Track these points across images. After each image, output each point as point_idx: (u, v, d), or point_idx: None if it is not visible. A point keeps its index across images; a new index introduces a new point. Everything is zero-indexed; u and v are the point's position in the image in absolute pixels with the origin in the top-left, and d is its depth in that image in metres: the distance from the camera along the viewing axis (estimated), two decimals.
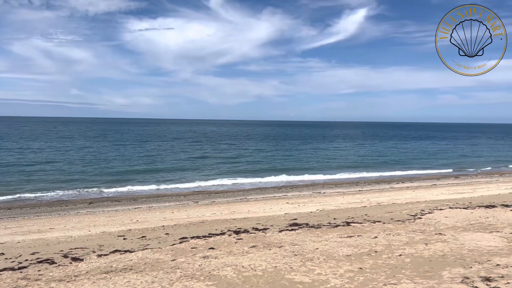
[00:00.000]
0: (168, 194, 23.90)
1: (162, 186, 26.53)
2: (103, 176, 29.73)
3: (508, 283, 6.39)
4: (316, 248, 8.90)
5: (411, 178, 30.56)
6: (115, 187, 25.73)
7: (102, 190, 24.93)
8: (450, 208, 14.05)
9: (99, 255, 9.04)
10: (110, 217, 16.43)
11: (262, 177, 30.99)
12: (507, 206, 14.08)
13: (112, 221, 15.25)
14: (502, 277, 6.68)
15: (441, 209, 13.76)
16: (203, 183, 27.87)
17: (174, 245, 9.74)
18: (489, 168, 38.41)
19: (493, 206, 14.06)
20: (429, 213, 13.13)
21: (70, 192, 24.13)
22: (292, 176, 31.43)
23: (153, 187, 26.24)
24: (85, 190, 24.78)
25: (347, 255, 8.27)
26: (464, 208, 13.87)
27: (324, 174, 32.78)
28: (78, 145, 57.29)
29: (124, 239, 11.11)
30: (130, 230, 12.70)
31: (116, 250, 9.50)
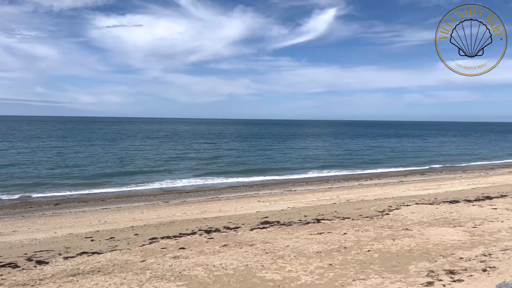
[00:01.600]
0: (138, 194, 23.48)
1: (132, 186, 26.03)
2: (70, 177, 28.90)
3: (470, 275, 6.63)
4: (287, 246, 8.97)
5: (379, 175, 31.24)
6: (83, 188, 25.06)
7: (69, 190, 24.23)
8: (416, 204, 14.45)
9: (66, 258, 8.79)
10: (77, 219, 16.00)
11: (234, 175, 30.93)
12: (469, 201, 14.62)
13: (79, 223, 14.86)
14: (465, 269, 6.93)
15: (407, 205, 14.14)
16: (174, 183, 27.54)
17: (144, 246, 9.59)
18: (453, 164, 39.77)
19: (457, 202, 14.56)
20: (396, 209, 13.46)
21: (35, 193, 23.32)
22: (264, 175, 31.53)
23: (122, 187, 25.71)
24: (51, 191, 24.02)
25: (318, 252, 8.37)
26: (429, 204, 14.31)
27: (295, 172, 33.05)
28: (44, 145, 55.47)
29: (91, 240, 10.84)
30: (98, 231, 12.40)
31: (84, 252, 9.27)
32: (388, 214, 12.61)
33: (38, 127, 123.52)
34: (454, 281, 6.40)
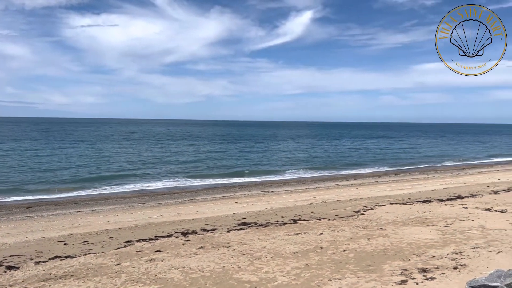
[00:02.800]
0: (113, 196, 23.08)
1: (107, 189, 25.59)
2: (43, 180, 28.17)
3: (442, 273, 6.79)
4: (264, 247, 8.99)
5: (355, 176, 31.67)
6: (56, 190, 24.47)
7: (42, 194, 23.62)
8: (390, 204, 14.72)
9: (37, 262, 8.57)
10: (49, 222, 15.61)
11: (212, 177, 30.82)
12: (441, 200, 14.99)
13: (51, 226, 14.49)
14: (437, 267, 7.09)
15: (382, 205, 14.39)
16: (150, 185, 27.22)
17: (119, 249, 9.44)
18: (427, 165, 40.69)
19: (430, 201, 14.91)
20: (372, 209, 13.68)
21: (6, 197, 22.62)
22: (241, 176, 31.54)
23: (97, 189, 25.24)
24: (23, 194, 23.35)
25: (294, 252, 8.42)
26: (403, 204, 14.60)
27: (272, 174, 33.18)
28: (16, 146, 53.89)
29: (64, 244, 10.60)
30: (71, 234, 12.14)
31: (56, 256, 9.05)
32: (363, 214, 12.79)
33: (9, 128, 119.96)
34: (427, 279, 6.55)
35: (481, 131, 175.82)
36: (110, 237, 11.15)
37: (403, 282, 6.46)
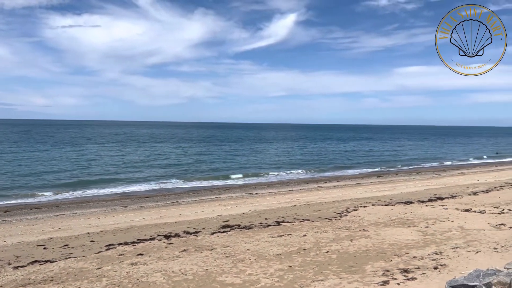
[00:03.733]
0: (94, 199, 22.75)
1: (88, 191, 25.21)
2: (22, 183, 27.59)
3: (423, 273, 6.89)
4: (248, 249, 8.98)
5: (338, 178, 31.92)
6: (35, 193, 23.99)
7: (21, 196, 23.12)
8: (373, 205, 14.88)
9: (16, 267, 8.39)
10: (28, 226, 15.29)
11: (195, 179, 30.65)
12: (422, 202, 15.23)
13: (31, 230, 14.20)
14: (418, 268, 7.20)
15: (364, 207, 14.53)
16: (132, 187, 26.92)
17: (100, 253, 9.31)
18: (408, 166, 41.29)
19: (411, 203, 15.12)
20: (354, 210, 13.80)
21: None
22: (225, 178, 31.46)
23: (78, 192, 24.84)
24: (1, 198, 22.82)
25: (278, 254, 8.43)
26: (385, 205, 14.77)
27: (256, 176, 33.20)
28: None
29: (44, 248, 10.41)
30: (51, 238, 11.91)
31: (35, 261, 8.88)
32: (346, 215, 12.90)
33: None
34: (408, 279, 6.63)
35: (461, 133, 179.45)
36: (91, 241, 10.98)
37: (385, 282, 6.54)
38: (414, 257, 7.89)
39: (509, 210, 12.60)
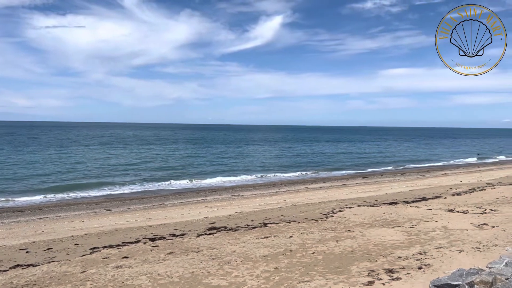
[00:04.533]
0: (78, 202, 22.45)
1: (72, 194, 24.87)
2: (3, 185, 27.07)
3: (408, 273, 6.97)
4: (234, 251, 8.96)
5: (324, 179, 32.10)
6: (18, 196, 23.57)
7: (2, 200, 22.68)
8: (358, 206, 14.99)
9: None
10: (10, 229, 15.01)
11: (181, 181, 30.48)
12: (407, 202, 15.40)
13: (13, 234, 13.94)
14: (403, 268, 7.27)
15: (350, 207, 14.63)
16: (117, 190, 26.64)
17: (84, 256, 9.19)
18: (393, 168, 41.74)
19: (396, 203, 15.28)
20: (340, 211, 13.88)
21: None
22: (211, 180, 31.36)
23: (62, 194, 24.47)
24: None
25: (264, 256, 8.43)
26: (370, 206, 14.89)
27: (243, 177, 33.17)
28: None
29: (27, 252, 10.22)
30: (34, 242, 11.71)
31: (18, 265, 8.72)
32: (332, 216, 12.96)
33: None
34: (393, 279, 6.70)
35: (445, 134, 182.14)
36: (75, 244, 10.83)
37: (370, 283, 6.59)
38: (399, 257, 7.97)
39: (491, 210, 12.83)
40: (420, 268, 7.21)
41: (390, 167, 42.03)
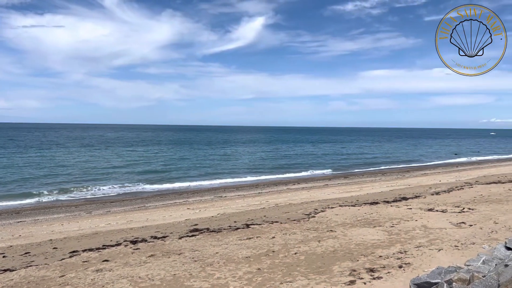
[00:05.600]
0: (58, 205, 22.00)
1: (51, 197, 24.36)
2: None
3: (388, 272, 7.05)
4: (216, 253, 8.92)
5: (306, 179, 32.25)
6: None
7: None
8: (340, 206, 15.11)
9: None
10: None
11: (163, 183, 30.18)
12: (388, 202, 15.60)
13: None
14: (384, 267, 7.35)
15: (332, 207, 14.74)
16: (97, 192, 26.20)
17: (63, 260, 9.01)
18: (374, 168, 42.23)
19: (377, 203, 15.47)
20: (322, 211, 13.97)
21: None
22: (193, 181, 31.16)
23: (40, 197, 23.94)
24: None
25: (246, 257, 8.42)
26: (352, 206, 15.03)
27: (226, 178, 33.06)
28: None
29: (3, 257, 9.97)
30: (11, 246, 11.43)
31: None
32: (314, 216, 13.04)
33: None
34: (374, 278, 6.77)
35: (425, 135, 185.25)
36: (54, 248, 10.61)
37: (352, 282, 6.64)
38: (380, 256, 8.06)
39: (469, 209, 13.10)
40: (400, 267, 7.31)
41: (371, 168, 42.51)
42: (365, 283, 6.56)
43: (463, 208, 13.21)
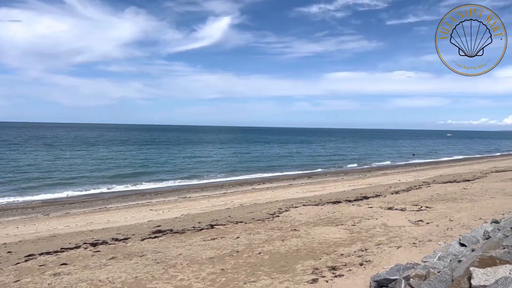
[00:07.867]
0: (12, 207, 21.06)
1: (5, 198, 23.29)
2: None
3: (350, 270, 7.21)
4: (180, 254, 8.82)
5: (271, 179, 32.45)
6: None
7: None
8: (303, 205, 15.31)
9: None
10: None
11: (125, 184, 29.51)
12: (350, 201, 15.95)
13: None
14: (345, 265, 7.51)
15: (296, 207, 14.91)
16: (55, 193, 25.27)
17: (18, 264, 8.64)
18: (337, 168, 43.08)
19: (339, 202, 15.78)
20: (286, 211, 14.11)
21: None
22: (156, 182, 30.67)
23: None
24: None
25: (210, 258, 8.37)
26: (315, 205, 15.27)
27: (190, 179, 32.74)
28: None
29: None
30: None
31: None
32: (278, 216, 13.14)
33: None
34: (336, 276, 6.90)
35: (386, 135, 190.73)
36: (9, 252, 10.15)
37: (314, 280, 6.74)
38: (342, 254, 8.22)
39: (427, 207, 13.60)
40: (361, 264, 7.48)
41: (334, 167, 43.34)
42: (327, 281, 6.67)
43: (421, 207, 13.70)
